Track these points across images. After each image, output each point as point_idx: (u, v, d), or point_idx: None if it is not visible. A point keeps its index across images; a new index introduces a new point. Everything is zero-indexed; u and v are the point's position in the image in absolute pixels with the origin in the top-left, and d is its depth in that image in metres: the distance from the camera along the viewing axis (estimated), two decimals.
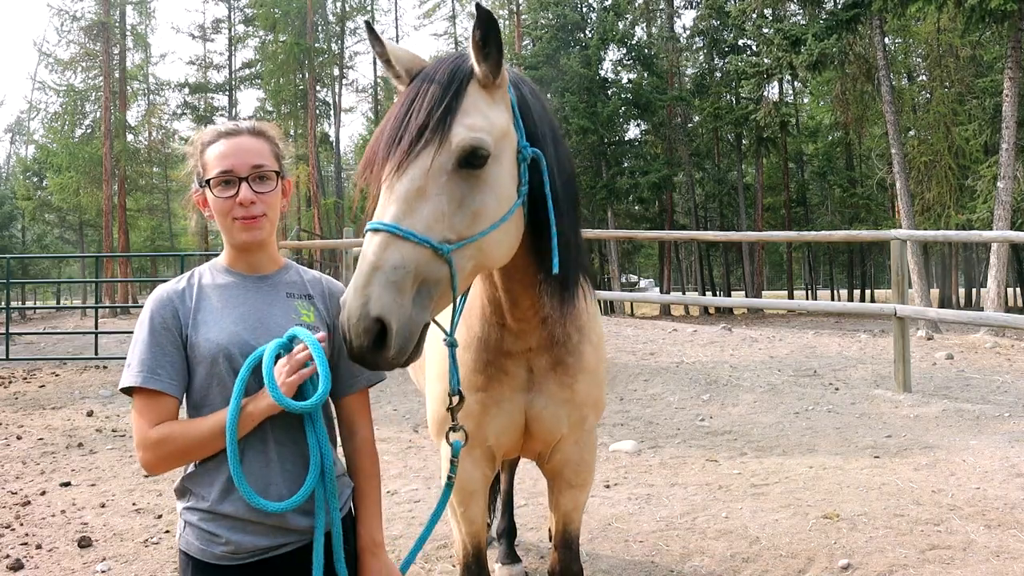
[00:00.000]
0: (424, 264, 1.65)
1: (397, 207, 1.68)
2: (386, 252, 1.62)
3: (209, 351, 1.77)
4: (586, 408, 2.46)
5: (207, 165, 1.84)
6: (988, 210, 18.99)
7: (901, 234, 9.01)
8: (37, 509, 4.99)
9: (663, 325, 14.07)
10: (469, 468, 2.46)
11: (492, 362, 2.31)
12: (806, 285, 45.50)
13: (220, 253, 2.00)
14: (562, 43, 31.11)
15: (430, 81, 1.80)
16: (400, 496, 5.09)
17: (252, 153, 1.83)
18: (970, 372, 9.49)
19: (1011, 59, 15.76)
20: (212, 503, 1.76)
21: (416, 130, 1.73)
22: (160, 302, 1.82)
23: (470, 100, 1.79)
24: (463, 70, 1.82)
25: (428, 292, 1.67)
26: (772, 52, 22.36)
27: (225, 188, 1.81)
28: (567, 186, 2.04)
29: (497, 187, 1.79)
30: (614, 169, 31.14)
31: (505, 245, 1.85)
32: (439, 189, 1.71)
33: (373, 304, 1.57)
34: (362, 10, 44.44)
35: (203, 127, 2.23)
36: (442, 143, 1.71)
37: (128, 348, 1.86)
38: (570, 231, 2.03)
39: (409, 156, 1.71)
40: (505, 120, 1.85)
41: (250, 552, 1.77)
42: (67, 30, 36.32)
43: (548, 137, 1.99)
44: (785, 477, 5.28)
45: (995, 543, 3.99)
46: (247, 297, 1.87)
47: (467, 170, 1.74)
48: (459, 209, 1.72)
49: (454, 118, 1.74)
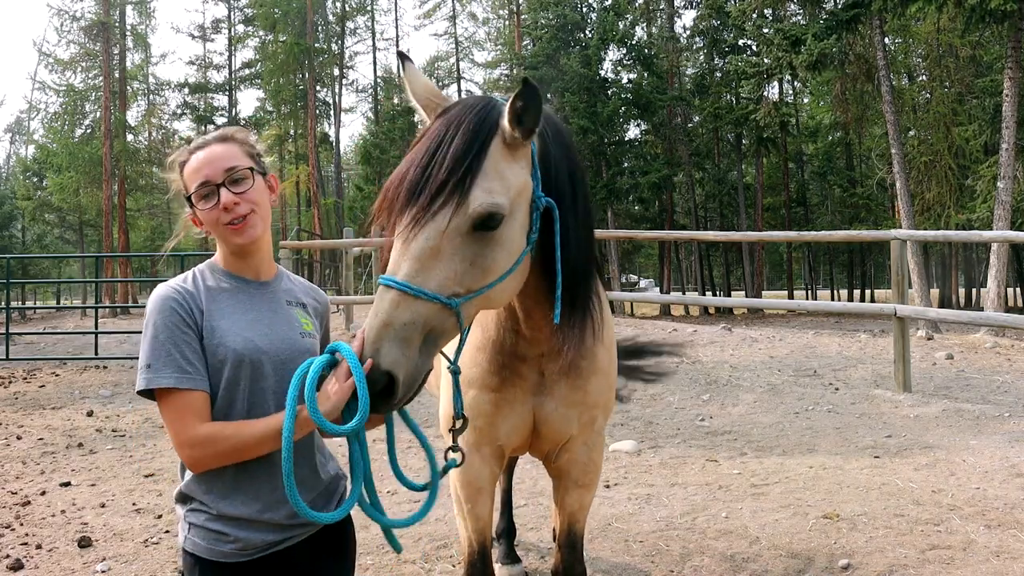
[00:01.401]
0: (432, 317, 1.71)
1: (410, 265, 1.71)
2: (397, 310, 1.67)
3: (227, 357, 1.79)
4: (596, 409, 2.48)
5: (187, 183, 1.87)
6: (988, 210, 18.98)
7: (901, 234, 9.01)
8: (37, 509, 4.99)
9: (663, 325, 14.07)
10: (478, 465, 2.48)
11: (506, 365, 2.35)
12: (806, 285, 45.47)
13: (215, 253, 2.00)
14: (562, 43, 31.10)
15: (456, 128, 1.80)
16: (400, 496, 5.09)
17: (223, 159, 1.85)
18: (970, 372, 9.49)
19: (1011, 59, 15.75)
20: (216, 507, 1.78)
21: (436, 187, 1.74)
22: (175, 300, 1.80)
23: (491, 161, 1.79)
24: (489, 122, 1.82)
25: (434, 340, 1.74)
26: (772, 52, 22.33)
27: (207, 200, 1.84)
28: (583, 221, 2.05)
29: (508, 243, 1.82)
30: (614, 169, 31.13)
31: (510, 290, 1.90)
32: (453, 250, 1.74)
33: (383, 359, 1.64)
34: (362, 10, 44.45)
35: (201, 131, 2.24)
36: (459, 206, 1.73)
37: (131, 347, 1.84)
38: (581, 260, 2.04)
39: (427, 213, 1.73)
40: (524, 178, 1.86)
41: (259, 548, 1.79)
42: (67, 30, 36.33)
43: (565, 181, 2.00)
44: (785, 477, 5.28)
45: (995, 543, 3.99)
46: (253, 304, 1.89)
47: (481, 232, 1.77)
48: (471, 268, 1.76)
49: (474, 180, 1.75)
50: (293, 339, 1.89)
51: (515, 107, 1.79)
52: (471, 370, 2.40)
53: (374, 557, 4.08)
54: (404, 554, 4.10)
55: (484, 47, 46.27)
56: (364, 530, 4.44)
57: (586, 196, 2.11)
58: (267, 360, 1.82)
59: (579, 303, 2.10)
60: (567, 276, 1.99)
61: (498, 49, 43.76)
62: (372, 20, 45.41)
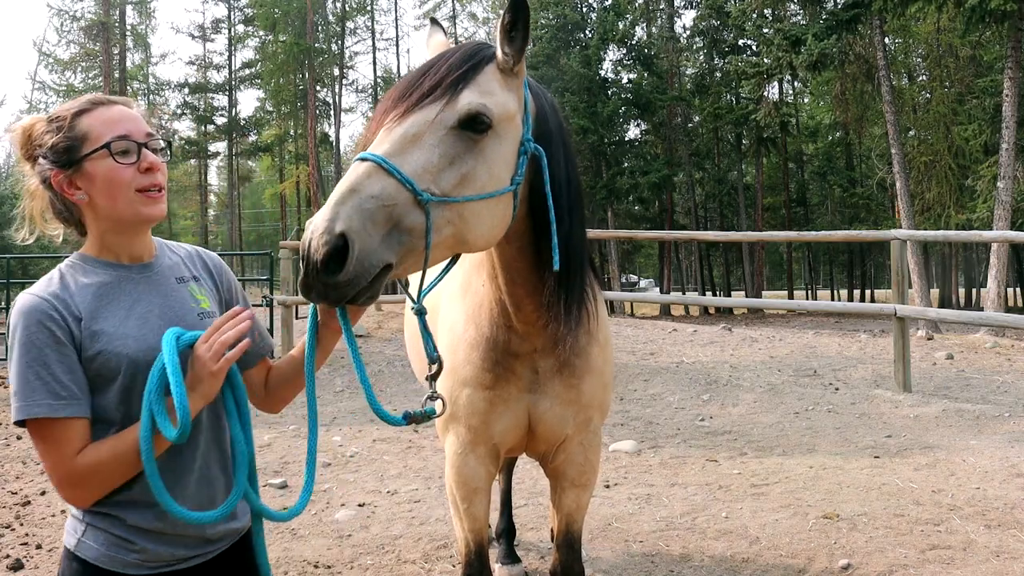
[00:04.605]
0: (401, 205, 1.63)
1: (390, 145, 1.70)
2: (368, 180, 1.62)
3: (120, 365, 1.57)
4: (591, 409, 2.48)
5: (90, 133, 1.60)
6: (988, 210, 18.98)
7: (901, 234, 9.01)
8: (37, 509, 4.98)
9: (663, 325, 14.06)
10: (473, 465, 2.48)
11: (500, 362, 2.34)
12: (806, 285, 45.48)
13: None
14: (562, 43, 31.10)
15: (452, 53, 1.87)
16: (400, 496, 5.09)
17: (142, 122, 1.66)
18: (970, 372, 9.49)
19: (1011, 59, 15.76)
20: (120, 513, 1.58)
21: (428, 88, 1.77)
22: (42, 311, 1.54)
23: (485, 77, 1.84)
24: (485, 52, 1.89)
25: (399, 237, 1.64)
26: (772, 52, 22.34)
27: (126, 156, 1.61)
28: (570, 188, 2.05)
29: (491, 161, 1.80)
30: (614, 169, 31.13)
31: (487, 223, 1.82)
32: (435, 141, 1.73)
33: (341, 221, 1.55)
34: (362, 10, 44.45)
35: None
36: (449, 102, 1.76)
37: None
38: (572, 233, 2.05)
39: (416, 107, 1.75)
40: (514, 106, 1.89)
41: (167, 562, 1.61)
42: (67, 30, 36.41)
43: (557, 141, 2.03)
44: (785, 477, 5.28)
45: (995, 543, 3.99)
46: (140, 295, 1.66)
47: (467, 132, 1.76)
48: (449, 166, 1.73)
49: (466, 85, 1.79)
50: (191, 324, 1.68)
51: (505, 23, 1.83)
52: (465, 368, 2.39)
53: (374, 557, 4.08)
54: (404, 554, 4.10)
55: None
56: (364, 530, 4.46)
57: (577, 174, 2.13)
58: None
59: (574, 293, 2.12)
60: (565, 244, 2.00)
61: None
62: (372, 20, 45.43)
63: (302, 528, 4.52)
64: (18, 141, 1.67)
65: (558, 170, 2.00)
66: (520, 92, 1.93)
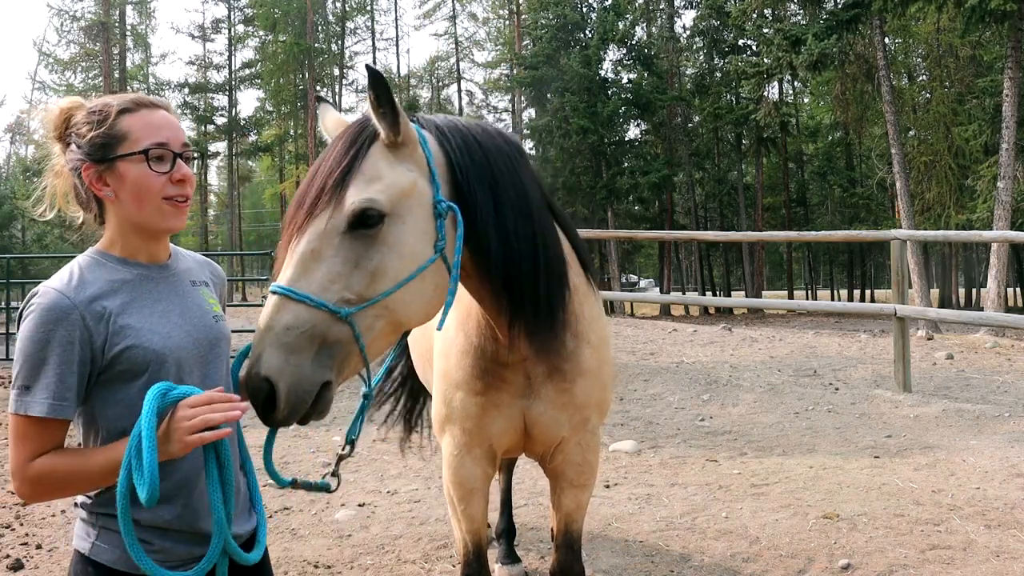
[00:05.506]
0: (320, 324, 1.66)
1: (293, 270, 1.71)
2: (279, 314, 1.64)
3: (147, 361, 1.57)
4: (588, 410, 2.47)
5: (130, 134, 1.59)
6: (988, 210, 18.98)
7: (901, 234, 9.01)
8: (37, 509, 4.98)
9: (663, 325, 14.07)
10: (470, 466, 2.48)
11: (489, 370, 2.35)
12: (806, 285, 45.49)
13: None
14: (562, 43, 31.13)
15: (339, 140, 1.86)
16: (400, 496, 5.09)
17: (180, 130, 1.66)
18: (970, 372, 9.49)
19: (1011, 59, 15.76)
20: (133, 513, 1.52)
21: (315, 193, 1.77)
22: (61, 310, 1.52)
23: (370, 161, 1.81)
24: (367, 131, 1.85)
25: (330, 351, 1.67)
26: (772, 52, 22.34)
27: (161, 163, 1.61)
28: (521, 226, 2.01)
29: (399, 246, 1.78)
30: (614, 169, 31.15)
31: (418, 303, 1.82)
32: (333, 251, 1.72)
33: (263, 364, 1.60)
34: (362, 10, 44.45)
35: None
36: (336, 206, 1.74)
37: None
38: (522, 255, 2.02)
39: (309, 218, 1.75)
40: (409, 179, 1.84)
41: (184, 560, 1.61)
42: (67, 30, 36.42)
43: (481, 179, 1.96)
44: (785, 477, 5.27)
45: (995, 543, 3.99)
46: (160, 293, 1.66)
47: (361, 231, 1.75)
48: (355, 270, 1.73)
49: (351, 180, 1.77)
50: (208, 326, 1.70)
51: (372, 100, 1.82)
52: (456, 373, 2.41)
53: (374, 557, 4.08)
54: (404, 554, 4.10)
55: (484, 47, 46.29)
56: (364, 530, 4.46)
57: (523, 201, 2.04)
58: (187, 356, 1.63)
59: (542, 308, 2.10)
60: (512, 280, 2.01)
61: (498, 49, 43.77)
62: (372, 20, 45.42)
63: (302, 528, 4.52)
64: (54, 121, 1.65)
65: (486, 211, 1.95)
66: (416, 156, 1.88)
